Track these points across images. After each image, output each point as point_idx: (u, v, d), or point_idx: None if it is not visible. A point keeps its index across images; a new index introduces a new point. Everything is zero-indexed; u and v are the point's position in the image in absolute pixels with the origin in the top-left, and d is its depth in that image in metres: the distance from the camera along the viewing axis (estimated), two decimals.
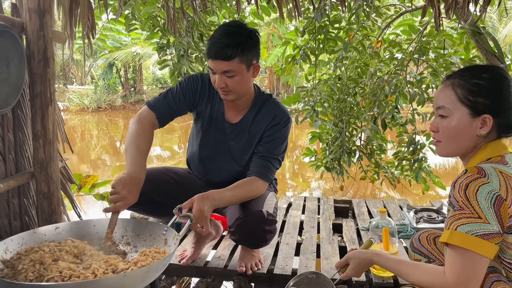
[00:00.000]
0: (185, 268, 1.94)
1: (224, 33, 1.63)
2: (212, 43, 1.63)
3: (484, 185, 1.05)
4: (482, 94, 1.14)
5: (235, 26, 1.68)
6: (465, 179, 1.08)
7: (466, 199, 1.06)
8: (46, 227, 1.44)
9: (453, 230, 1.06)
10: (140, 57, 17.59)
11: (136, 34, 3.64)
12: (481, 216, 1.04)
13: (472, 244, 1.03)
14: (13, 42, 1.55)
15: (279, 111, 1.80)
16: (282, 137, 1.80)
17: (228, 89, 1.67)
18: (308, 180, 7.25)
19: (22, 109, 1.81)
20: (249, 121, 1.82)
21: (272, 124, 1.79)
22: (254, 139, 1.82)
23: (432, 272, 1.11)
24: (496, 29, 13.86)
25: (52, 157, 1.81)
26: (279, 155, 1.82)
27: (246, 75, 1.69)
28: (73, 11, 1.90)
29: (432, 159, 3.64)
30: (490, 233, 1.03)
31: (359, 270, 1.36)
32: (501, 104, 1.15)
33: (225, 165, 1.89)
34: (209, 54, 1.63)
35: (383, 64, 3.58)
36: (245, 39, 1.64)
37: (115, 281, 1.13)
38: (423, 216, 2.42)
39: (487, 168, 1.08)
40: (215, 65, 1.63)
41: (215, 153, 1.89)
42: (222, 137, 1.86)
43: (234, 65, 1.62)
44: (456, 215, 1.07)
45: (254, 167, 1.78)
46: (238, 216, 1.72)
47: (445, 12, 2.29)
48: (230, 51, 1.59)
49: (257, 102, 1.83)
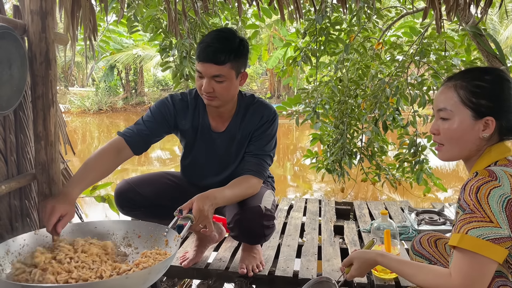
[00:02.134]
0: (186, 270, 1.94)
1: (217, 38, 1.63)
2: (204, 46, 1.62)
3: (495, 188, 1.04)
4: (485, 96, 1.13)
5: (228, 32, 1.69)
6: (476, 182, 1.06)
7: (477, 202, 1.04)
8: None
9: (464, 234, 1.04)
10: (141, 59, 17.62)
11: (138, 36, 3.66)
12: (493, 220, 1.02)
13: (482, 248, 1.01)
14: (15, 44, 1.56)
15: (265, 110, 1.83)
16: (271, 133, 1.83)
17: (215, 94, 1.67)
18: (309, 182, 7.24)
19: (24, 111, 1.81)
20: (236, 126, 1.83)
21: (260, 124, 1.81)
22: (245, 142, 1.84)
23: (437, 274, 1.10)
24: (497, 31, 13.87)
25: (54, 159, 1.81)
26: (270, 152, 1.84)
27: (234, 82, 1.69)
28: (75, 13, 1.91)
29: (433, 161, 3.64)
30: (501, 237, 1.01)
31: (363, 270, 1.35)
32: (503, 107, 1.14)
33: (218, 173, 1.91)
34: (200, 57, 1.63)
35: (384, 66, 3.59)
36: (238, 46, 1.65)
37: (117, 283, 1.13)
38: (425, 218, 2.42)
39: (497, 171, 1.07)
40: (205, 68, 1.63)
41: (207, 163, 1.90)
42: (211, 147, 1.87)
43: (225, 70, 1.63)
44: (466, 218, 1.05)
45: (247, 166, 1.79)
46: (236, 212, 1.74)
47: (446, 14, 2.29)
48: (223, 56, 1.60)
49: (241, 106, 1.84)
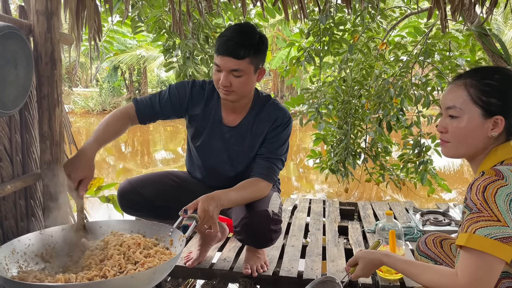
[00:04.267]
0: (190, 270, 1.94)
1: (237, 32, 1.63)
2: (224, 40, 1.62)
3: (502, 187, 1.03)
4: (495, 94, 1.13)
5: (248, 27, 1.69)
6: (483, 181, 1.06)
7: (484, 201, 1.03)
8: (52, 228, 1.45)
9: (471, 234, 1.03)
10: (145, 59, 17.65)
11: (141, 36, 3.66)
12: (500, 219, 1.01)
13: (490, 247, 1.01)
14: (21, 44, 1.56)
15: (280, 113, 1.81)
16: (284, 137, 1.81)
17: (232, 88, 1.66)
18: (313, 182, 7.23)
19: (29, 111, 1.82)
20: (249, 123, 1.81)
21: (274, 126, 1.79)
22: (257, 142, 1.82)
23: (443, 274, 1.09)
24: (502, 31, 13.80)
25: (59, 159, 1.82)
26: (282, 156, 1.82)
27: (252, 77, 1.69)
28: (79, 13, 1.91)
29: (437, 162, 3.63)
30: (509, 236, 1.01)
31: (368, 270, 1.34)
32: (507, 107, 1.13)
33: (224, 169, 1.89)
34: (219, 50, 1.63)
35: (388, 66, 3.58)
36: (257, 42, 1.65)
37: (121, 282, 1.13)
38: (430, 218, 2.41)
39: (504, 170, 1.06)
40: (224, 62, 1.62)
41: (214, 157, 1.88)
42: (220, 141, 1.84)
43: (244, 65, 1.62)
44: (474, 218, 1.05)
45: (258, 168, 1.78)
46: (243, 216, 1.72)
47: (451, 14, 2.28)
48: (243, 50, 1.60)
49: (256, 104, 1.82)
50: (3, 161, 1.68)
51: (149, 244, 1.36)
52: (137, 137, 12.52)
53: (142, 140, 12.16)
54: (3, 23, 1.47)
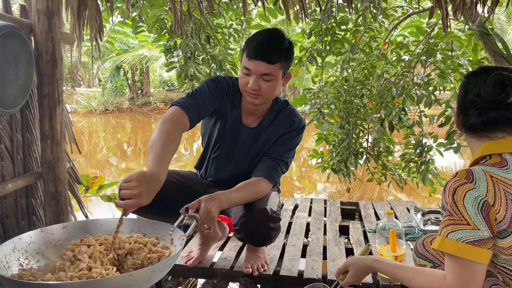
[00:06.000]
0: (191, 269, 1.94)
1: (270, 37, 1.64)
2: (258, 44, 1.62)
3: (470, 190, 1.04)
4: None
5: (279, 32, 1.69)
6: (453, 183, 1.07)
7: (454, 204, 1.05)
8: (53, 226, 1.44)
9: (444, 237, 1.05)
10: (147, 59, 17.68)
11: (143, 36, 3.67)
12: (470, 223, 1.03)
13: (464, 251, 1.02)
14: (22, 43, 1.57)
15: (296, 118, 1.85)
16: (295, 143, 1.85)
17: (260, 92, 1.67)
18: (315, 182, 7.23)
19: (30, 110, 1.82)
20: (265, 126, 1.85)
21: (289, 130, 1.83)
22: (268, 143, 1.85)
23: (433, 277, 1.10)
24: (504, 31, 13.74)
25: (60, 158, 1.83)
26: (288, 159, 1.84)
27: (280, 82, 1.71)
28: (81, 13, 1.92)
29: (439, 162, 3.62)
30: (480, 239, 1.02)
31: (359, 277, 1.35)
32: (459, 103, 1.21)
33: (236, 167, 1.91)
34: (251, 55, 1.62)
35: (390, 66, 3.57)
36: (288, 47, 1.66)
37: (120, 281, 1.13)
38: (431, 218, 2.40)
39: (477, 171, 1.07)
40: (256, 66, 1.62)
41: (228, 154, 1.90)
42: (237, 140, 1.87)
43: (275, 69, 1.64)
44: (445, 221, 1.07)
45: (261, 167, 1.79)
46: (242, 214, 1.74)
47: (452, 14, 2.28)
48: (276, 55, 1.61)
49: (274, 108, 1.85)
50: (4, 160, 1.69)
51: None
52: (139, 137, 12.55)
53: (145, 140, 12.19)
54: (4, 22, 1.48)
